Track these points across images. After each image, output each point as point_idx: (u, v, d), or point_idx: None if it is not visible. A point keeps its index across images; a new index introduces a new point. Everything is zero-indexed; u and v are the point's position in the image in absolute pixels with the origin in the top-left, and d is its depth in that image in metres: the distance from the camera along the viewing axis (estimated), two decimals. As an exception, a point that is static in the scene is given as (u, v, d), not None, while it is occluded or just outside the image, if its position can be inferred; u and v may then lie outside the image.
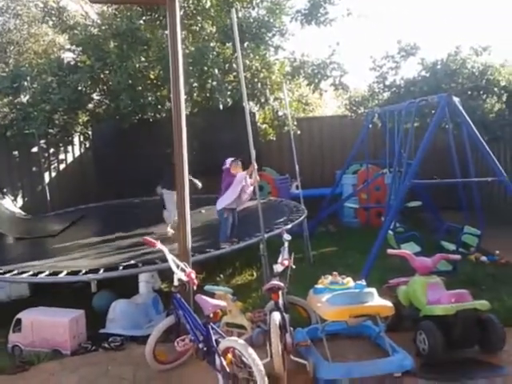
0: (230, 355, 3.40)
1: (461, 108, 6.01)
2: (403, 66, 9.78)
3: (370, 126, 8.56)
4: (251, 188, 6.01)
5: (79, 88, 8.83)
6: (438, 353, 3.83)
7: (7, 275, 4.95)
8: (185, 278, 3.92)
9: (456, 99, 6.04)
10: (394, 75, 9.86)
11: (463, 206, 6.47)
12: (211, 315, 3.61)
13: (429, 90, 8.37)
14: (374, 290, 3.96)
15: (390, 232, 6.01)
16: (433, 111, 8.09)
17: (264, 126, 10.12)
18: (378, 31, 26.83)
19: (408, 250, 5.21)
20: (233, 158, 6.04)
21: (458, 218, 6.65)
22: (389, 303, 3.93)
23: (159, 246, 4.11)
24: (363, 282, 4.06)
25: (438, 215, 7.73)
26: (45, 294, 5.56)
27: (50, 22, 10.04)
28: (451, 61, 9.14)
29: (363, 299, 3.84)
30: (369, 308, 3.83)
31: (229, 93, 8.61)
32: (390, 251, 4.77)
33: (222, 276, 6.32)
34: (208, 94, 8.84)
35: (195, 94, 8.92)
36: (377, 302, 3.89)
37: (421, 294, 4.24)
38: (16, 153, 9.28)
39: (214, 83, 8.45)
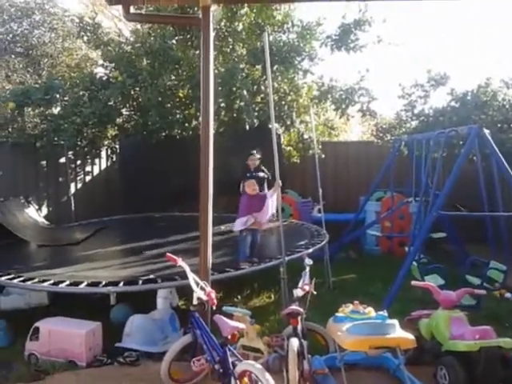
0: (246, 379, 3.35)
1: (491, 140, 5.93)
2: (432, 95, 9.73)
3: (397, 153, 8.50)
4: (272, 206, 5.84)
5: (110, 103, 9.00)
6: (459, 390, 3.71)
7: (28, 283, 4.97)
8: (204, 297, 3.90)
9: (486, 131, 5.96)
10: (423, 104, 9.79)
11: (490, 239, 6.33)
12: (229, 337, 3.57)
13: (458, 121, 8.28)
14: (395, 322, 3.87)
15: (414, 263, 5.90)
16: (461, 142, 8.01)
17: (288, 148, 10.12)
18: (408, 59, 26.80)
19: (431, 282, 5.10)
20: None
21: (483, 251, 6.49)
22: (411, 336, 3.83)
23: (180, 262, 4.11)
24: (385, 313, 3.98)
25: (463, 248, 7.57)
26: (63, 303, 5.59)
27: (85, 38, 10.23)
28: (482, 92, 9.06)
29: (385, 330, 3.76)
30: (390, 340, 3.74)
31: (256, 114, 8.66)
32: (414, 283, 4.67)
33: (239, 297, 6.27)
34: (235, 115, 8.90)
35: (222, 114, 9.00)
36: (398, 334, 3.79)
37: (444, 329, 4.12)
38: (44, 163, 9.42)
39: (242, 104, 8.51)
